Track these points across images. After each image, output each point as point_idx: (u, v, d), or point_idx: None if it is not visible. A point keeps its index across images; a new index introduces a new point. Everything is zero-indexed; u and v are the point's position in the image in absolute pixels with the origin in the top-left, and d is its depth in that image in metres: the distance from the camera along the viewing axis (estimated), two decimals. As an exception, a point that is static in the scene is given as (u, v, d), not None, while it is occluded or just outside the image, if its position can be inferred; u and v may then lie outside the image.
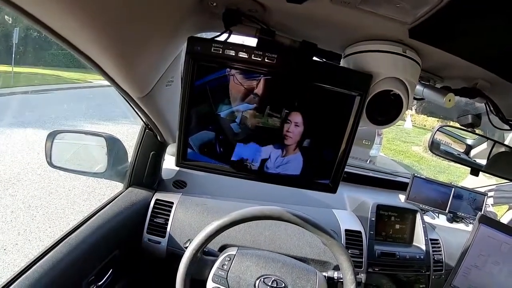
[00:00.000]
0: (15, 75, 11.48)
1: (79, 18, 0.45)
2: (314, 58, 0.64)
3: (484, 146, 1.29)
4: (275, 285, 0.92)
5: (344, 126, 0.64)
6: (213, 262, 0.96)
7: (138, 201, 1.26)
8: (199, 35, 0.74)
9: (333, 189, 0.70)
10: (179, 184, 1.47)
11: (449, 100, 0.68)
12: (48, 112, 7.55)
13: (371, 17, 0.52)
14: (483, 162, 1.22)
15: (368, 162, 6.00)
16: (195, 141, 0.63)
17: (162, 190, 1.38)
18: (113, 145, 1.30)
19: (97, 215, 1.11)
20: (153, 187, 1.36)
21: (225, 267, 0.94)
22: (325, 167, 0.68)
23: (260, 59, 0.56)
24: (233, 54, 0.56)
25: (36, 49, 16.78)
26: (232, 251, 0.99)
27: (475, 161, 1.29)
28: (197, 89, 0.58)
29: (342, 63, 0.69)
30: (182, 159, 0.65)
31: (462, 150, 1.39)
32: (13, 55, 12.49)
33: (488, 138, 1.27)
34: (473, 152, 1.36)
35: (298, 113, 0.62)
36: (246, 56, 0.56)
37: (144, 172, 1.32)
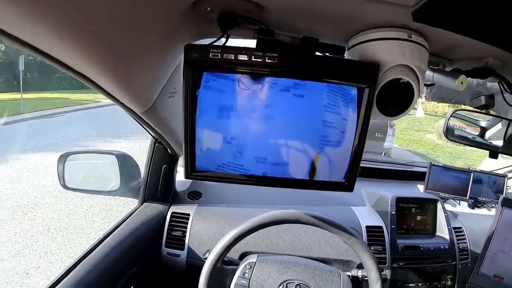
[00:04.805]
0: (24, 102, 11.76)
1: (70, 39, 0.44)
2: (317, 53, 0.62)
3: (499, 126, 1.26)
4: None
5: (355, 120, 0.61)
6: (234, 271, 0.94)
7: (154, 216, 1.25)
8: (198, 42, 0.74)
9: (349, 188, 0.67)
10: (194, 195, 1.45)
11: (461, 83, 0.66)
12: (59, 134, 7.72)
13: (372, 4, 0.50)
14: (499, 143, 1.19)
15: (383, 154, 5.94)
16: (203, 151, 0.62)
17: (178, 203, 1.37)
18: (124, 161, 1.30)
19: (114, 233, 1.10)
20: (168, 201, 1.36)
21: (246, 275, 0.92)
22: (339, 166, 0.65)
23: (261, 60, 0.54)
24: (233, 58, 0.54)
25: (42, 75, 17.21)
26: (252, 258, 0.97)
27: (491, 143, 1.25)
28: (199, 97, 0.57)
29: (347, 55, 0.67)
30: (191, 171, 0.63)
31: (477, 133, 1.35)
32: (21, 82, 12.85)
33: (503, 118, 1.24)
34: (488, 134, 1.33)
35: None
36: (246, 58, 0.54)
37: (158, 186, 1.32)
